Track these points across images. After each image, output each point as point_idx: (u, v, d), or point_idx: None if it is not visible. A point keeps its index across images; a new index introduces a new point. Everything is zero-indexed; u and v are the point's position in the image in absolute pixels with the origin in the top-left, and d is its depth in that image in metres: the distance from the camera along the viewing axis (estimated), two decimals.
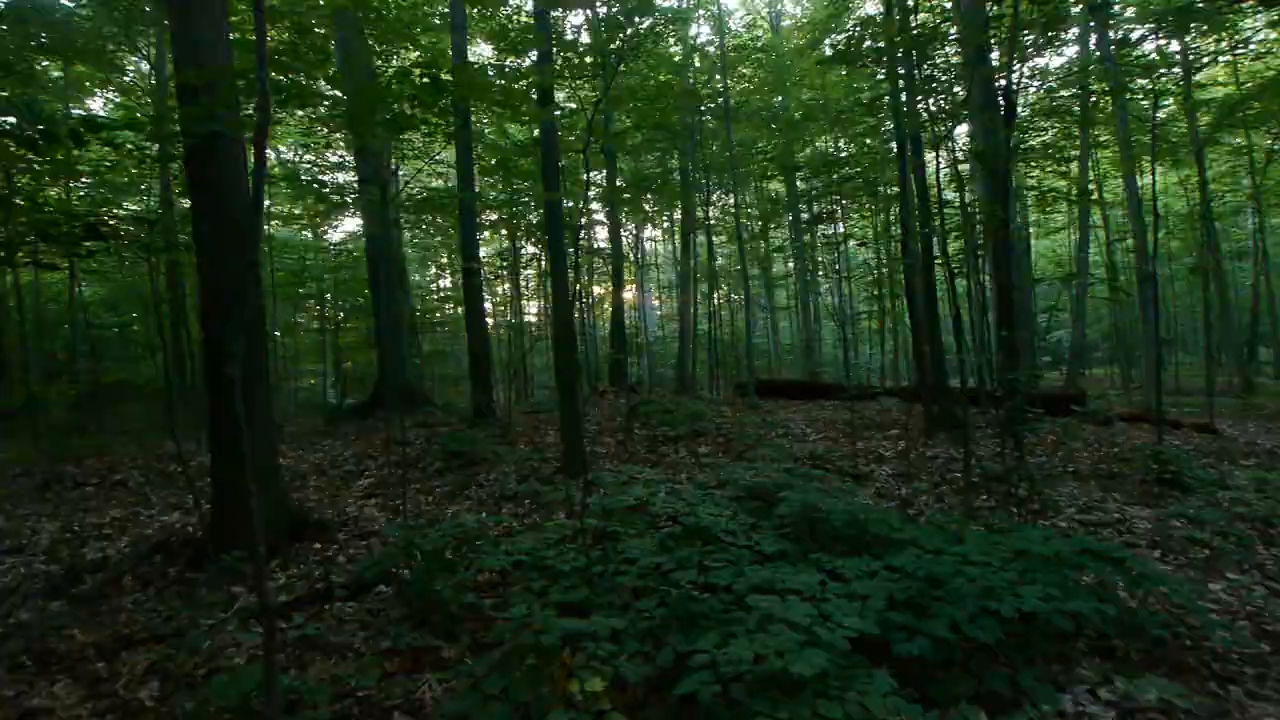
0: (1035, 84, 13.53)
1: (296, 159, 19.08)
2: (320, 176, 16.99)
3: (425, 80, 3.49)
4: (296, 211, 17.41)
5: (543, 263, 17.30)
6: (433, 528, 3.81)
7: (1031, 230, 21.34)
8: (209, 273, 4.61)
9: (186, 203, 8.01)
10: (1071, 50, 14.10)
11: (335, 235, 22.91)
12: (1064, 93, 10.54)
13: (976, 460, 6.69)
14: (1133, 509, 5.11)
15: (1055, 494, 5.46)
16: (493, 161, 13.45)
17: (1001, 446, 4.33)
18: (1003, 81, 6.01)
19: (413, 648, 3.07)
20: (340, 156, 17.22)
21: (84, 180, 10.89)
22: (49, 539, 5.48)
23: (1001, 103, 6.01)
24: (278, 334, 19.82)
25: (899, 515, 4.06)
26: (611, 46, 13.01)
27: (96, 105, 15.01)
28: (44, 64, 12.38)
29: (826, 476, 5.34)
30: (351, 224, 22.05)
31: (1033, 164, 11.98)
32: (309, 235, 21.39)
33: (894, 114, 8.02)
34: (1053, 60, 15.36)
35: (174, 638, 3.50)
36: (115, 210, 10.21)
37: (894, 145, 9.53)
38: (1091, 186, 13.97)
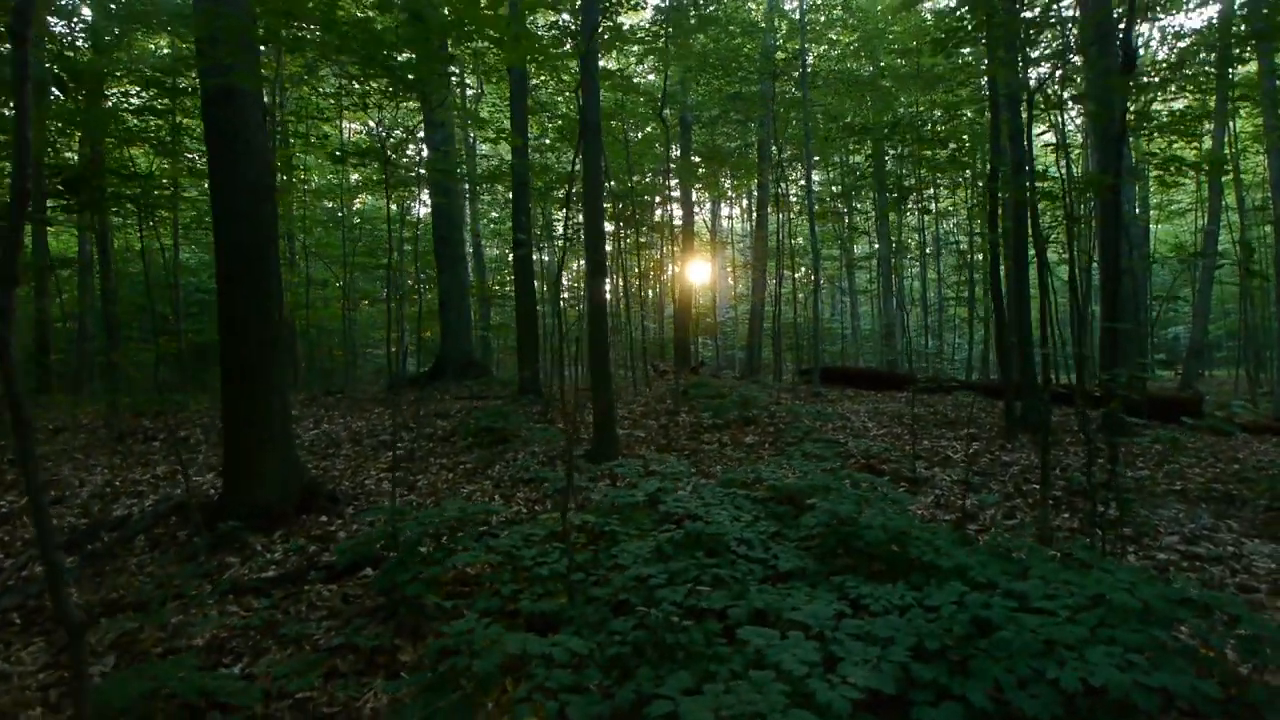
0: (1163, 43, 11.89)
1: (380, 130, 19.45)
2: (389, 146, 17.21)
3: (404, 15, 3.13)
4: (353, 180, 17.68)
5: (624, 239, 16.98)
6: (422, 510, 3.52)
7: (1153, 213, 19.16)
8: (223, 234, 4.47)
9: None
10: (1212, 9, 12.31)
11: (423, 210, 23.34)
12: (1199, 52, 9.08)
13: (1061, 470, 5.85)
14: (1252, 543, 4.23)
15: (1154, 517, 4.63)
16: (551, 133, 13.15)
17: (1089, 456, 3.61)
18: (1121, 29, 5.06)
19: (370, 647, 2.78)
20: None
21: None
22: (90, 492, 5.63)
23: (1120, 52, 5.07)
24: (366, 303, 20.53)
25: (952, 534, 3.44)
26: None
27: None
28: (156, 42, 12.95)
29: (876, 480, 4.72)
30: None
31: (1155, 134, 10.50)
32: (395, 208, 21.90)
33: (988, 57, 6.96)
34: (1189, 19, 13.47)
35: (158, 606, 3.38)
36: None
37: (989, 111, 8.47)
38: (1225, 163, 12.17)
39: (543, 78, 12.93)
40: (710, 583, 2.82)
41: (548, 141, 17.23)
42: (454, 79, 17.11)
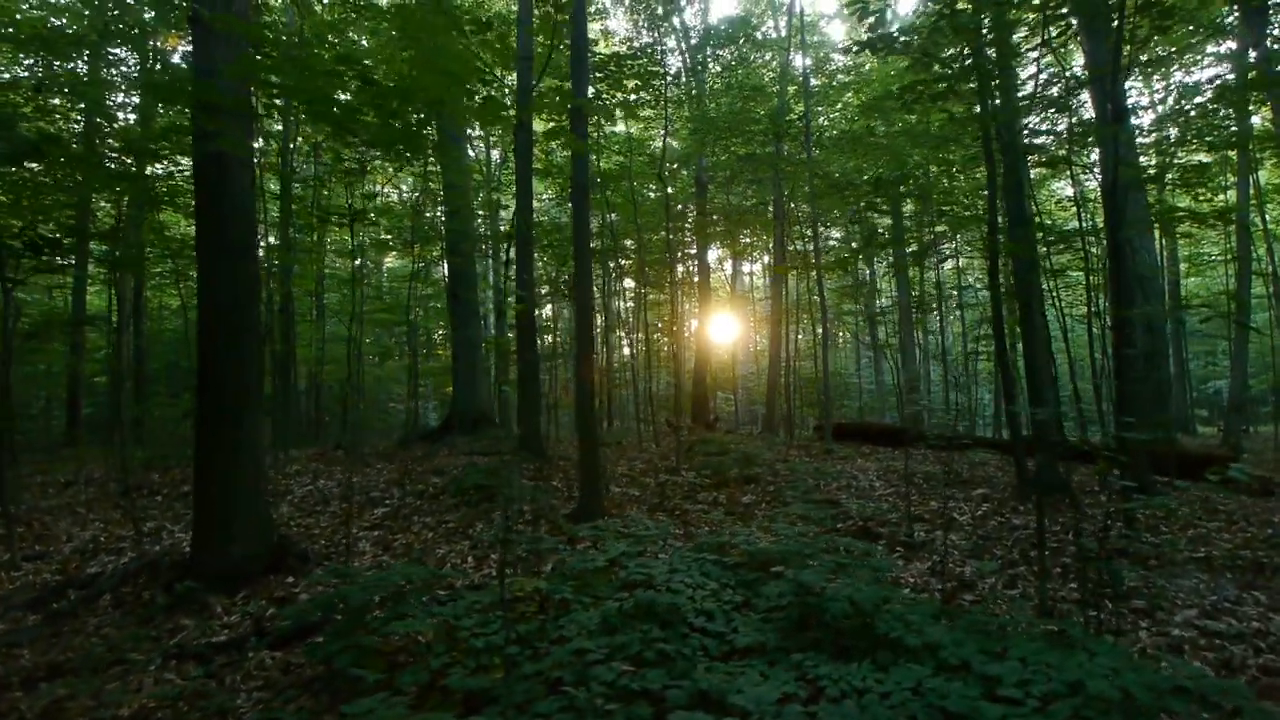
0: (1181, 99, 11.82)
1: (408, 193, 20.23)
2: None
3: (358, 81, 3.21)
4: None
5: (642, 292, 17.16)
6: (370, 574, 3.39)
7: (1183, 266, 18.69)
8: (207, 292, 4.55)
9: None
10: (1224, 68, 12.28)
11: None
12: (1209, 103, 8.97)
13: (1074, 535, 5.49)
14: None
15: (1171, 587, 4.27)
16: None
17: (1075, 520, 3.36)
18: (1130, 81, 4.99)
19: None
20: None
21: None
22: (72, 547, 5.61)
23: (1110, 105, 4.99)
24: (380, 359, 20.92)
25: (932, 607, 3.19)
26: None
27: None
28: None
29: (869, 545, 4.47)
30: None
31: (1172, 186, 10.31)
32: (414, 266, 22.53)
33: (979, 115, 6.92)
34: (1198, 75, 13.43)
35: (89, 673, 3.27)
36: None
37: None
38: (1234, 214, 11.85)
39: (556, 142, 13.34)
40: (655, 659, 2.63)
41: (563, 202, 17.61)
42: (475, 140, 17.81)
